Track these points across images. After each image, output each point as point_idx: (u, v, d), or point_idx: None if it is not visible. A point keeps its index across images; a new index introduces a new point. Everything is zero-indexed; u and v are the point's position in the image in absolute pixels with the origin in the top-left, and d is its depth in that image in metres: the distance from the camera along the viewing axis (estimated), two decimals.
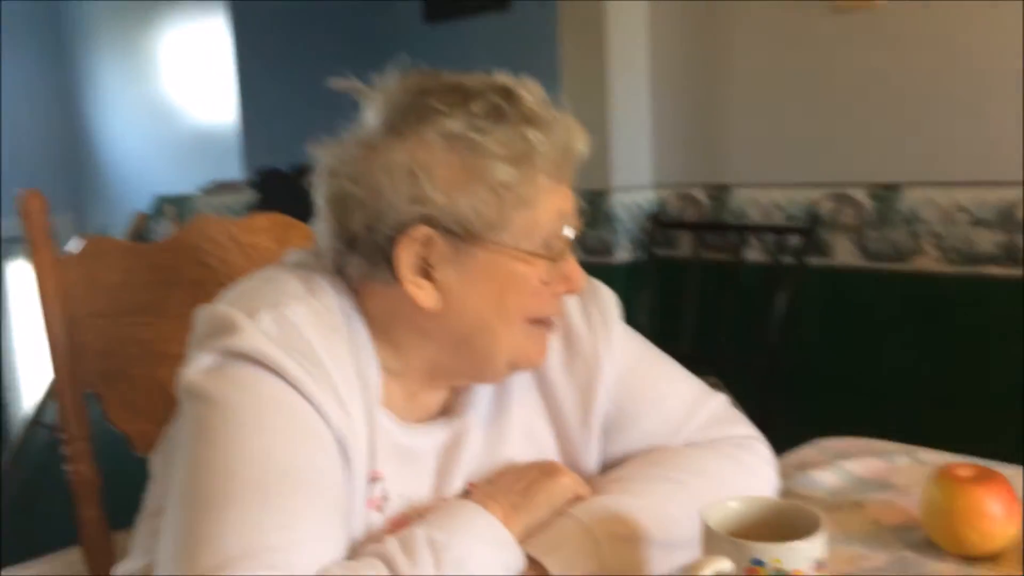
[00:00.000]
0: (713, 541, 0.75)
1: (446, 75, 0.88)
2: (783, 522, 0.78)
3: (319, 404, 0.79)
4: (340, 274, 0.90)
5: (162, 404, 1.26)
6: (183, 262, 1.30)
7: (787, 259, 2.29)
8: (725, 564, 0.73)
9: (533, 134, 0.84)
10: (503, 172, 0.83)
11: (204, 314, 0.85)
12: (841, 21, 2.26)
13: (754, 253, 2.47)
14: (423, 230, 0.83)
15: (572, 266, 0.90)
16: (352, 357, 0.86)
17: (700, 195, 2.59)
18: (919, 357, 2.23)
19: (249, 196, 4.88)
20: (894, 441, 1.25)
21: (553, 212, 0.87)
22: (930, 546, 0.94)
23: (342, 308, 0.88)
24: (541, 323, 0.91)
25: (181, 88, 6.36)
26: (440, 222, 0.83)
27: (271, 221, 1.44)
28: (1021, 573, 0.88)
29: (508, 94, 0.85)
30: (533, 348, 0.92)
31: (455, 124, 0.83)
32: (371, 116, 0.87)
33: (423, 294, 0.85)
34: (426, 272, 0.85)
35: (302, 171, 0.92)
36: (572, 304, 0.99)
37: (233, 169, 5.68)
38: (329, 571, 0.73)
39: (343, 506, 0.80)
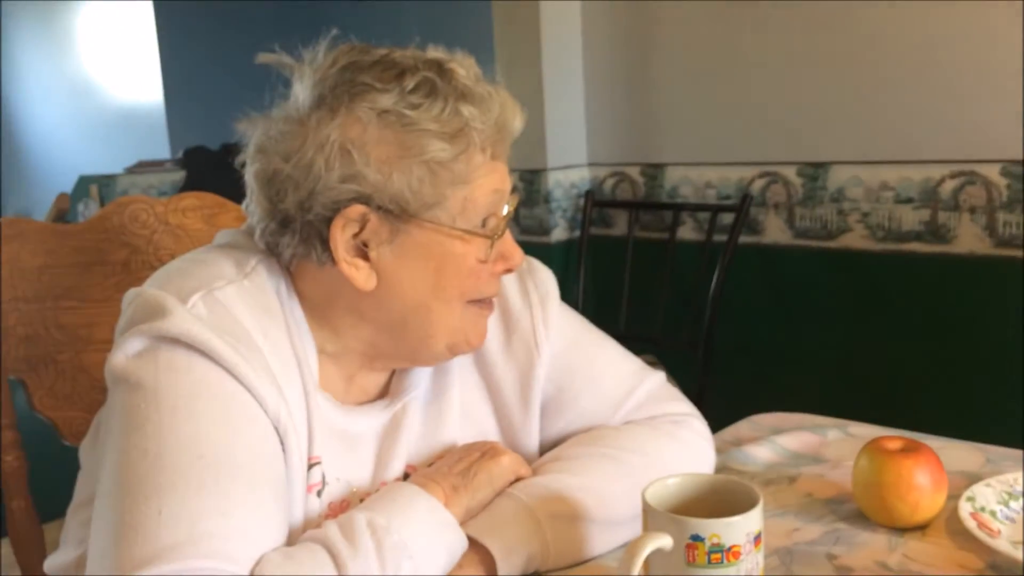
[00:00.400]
0: (653, 518, 0.76)
1: (377, 50, 0.86)
2: (721, 498, 0.79)
3: (254, 388, 0.77)
4: (273, 254, 0.88)
5: (90, 391, 1.23)
6: (108, 244, 1.27)
7: (720, 237, 2.32)
8: (665, 540, 0.74)
9: (468, 110, 0.83)
10: (438, 149, 0.82)
11: (133, 297, 0.82)
12: (770, 4, 2.28)
13: (688, 231, 2.50)
14: (358, 209, 0.82)
15: (509, 244, 0.90)
16: (288, 339, 0.84)
17: (635, 174, 2.61)
18: (848, 332, 2.29)
19: (175, 175, 4.76)
20: (826, 415, 1.28)
21: (489, 190, 0.86)
22: (861, 518, 0.97)
23: (276, 289, 0.86)
24: (480, 304, 0.91)
25: (102, 64, 6.16)
26: (375, 201, 0.82)
27: (200, 201, 1.41)
28: (948, 542, 0.91)
29: (441, 69, 0.84)
30: (472, 330, 0.91)
31: (388, 100, 0.81)
32: (301, 92, 0.84)
33: (359, 275, 0.84)
34: (362, 252, 0.84)
35: (230, 149, 0.90)
36: (510, 282, 0.98)
37: (159, 148, 5.53)
38: (268, 558, 0.72)
39: (281, 491, 0.78)
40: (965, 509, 0.93)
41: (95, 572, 0.70)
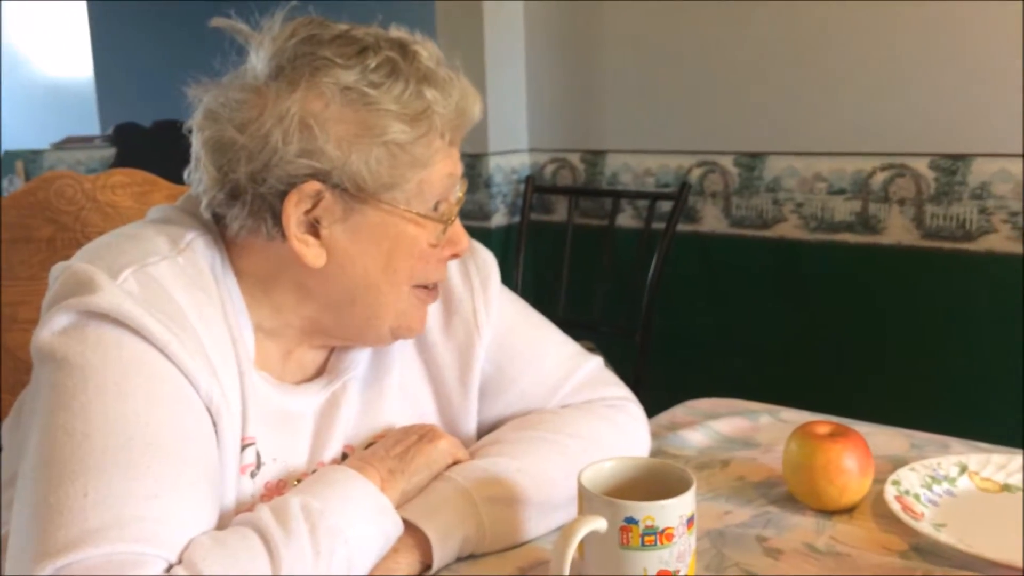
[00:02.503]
0: (588, 501, 0.76)
1: (337, 25, 0.85)
2: (655, 481, 0.80)
3: (186, 367, 0.75)
4: (214, 228, 0.86)
5: (13, 372, 1.19)
6: (34, 220, 1.23)
7: (659, 225, 2.34)
8: (600, 523, 0.74)
9: (431, 93, 0.82)
10: (398, 130, 0.81)
11: (60, 271, 0.79)
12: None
13: (627, 218, 2.52)
14: (314, 186, 0.80)
15: (458, 230, 0.89)
16: (223, 318, 0.82)
17: (575, 160, 2.62)
18: (781, 320, 2.33)
19: (105, 152, 4.63)
20: (758, 401, 1.30)
21: (444, 174, 0.86)
22: (791, 500, 0.99)
23: (212, 266, 0.84)
24: (425, 290, 0.90)
25: (29, 37, 5.95)
26: (332, 178, 0.80)
27: (130, 178, 1.37)
28: (874, 524, 0.94)
29: (404, 49, 0.83)
30: (415, 316, 0.91)
31: (350, 77, 0.80)
32: (258, 61, 0.82)
33: (310, 252, 0.82)
34: (313, 229, 0.83)
35: (163, 126, 0.88)
36: (452, 265, 0.98)
37: (88, 124, 5.37)
38: (198, 542, 0.70)
39: (213, 473, 0.77)
40: (890, 492, 0.96)
41: (18, 554, 0.67)
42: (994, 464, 1.03)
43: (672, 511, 0.74)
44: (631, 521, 0.74)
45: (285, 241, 0.82)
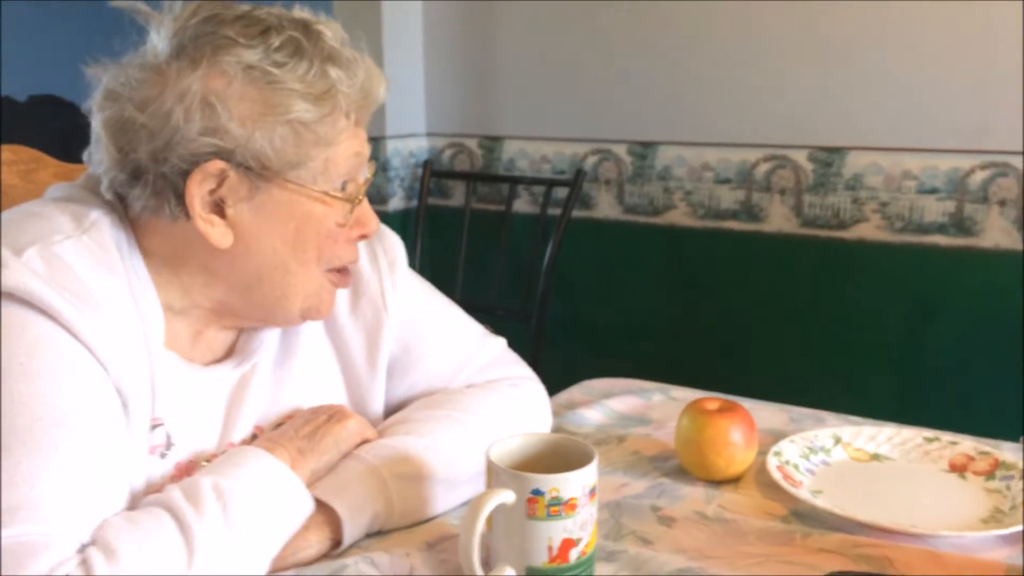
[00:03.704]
0: (496, 475, 0.80)
1: (239, 5, 0.85)
2: (558, 455, 0.84)
3: (94, 347, 0.75)
4: (119, 207, 0.85)
5: None
6: None
7: (554, 210, 2.40)
8: (508, 495, 0.78)
9: (335, 72, 0.83)
10: (303, 110, 0.82)
11: None
12: None
13: (523, 204, 2.56)
14: (217, 164, 0.80)
15: (367, 210, 0.91)
16: (130, 297, 0.82)
17: (473, 146, 2.64)
18: (671, 303, 2.42)
19: None
20: (650, 380, 1.37)
21: (350, 153, 0.87)
22: (682, 472, 1.05)
23: (118, 245, 0.83)
24: (339, 273, 0.92)
25: None
26: (236, 157, 0.81)
27: (15, 155, 1.33)
28: (757, 493, 1.00)
29: (307, 29, 0.84)
30: (325, 299, 0.92)
31: (253, 56, 0.80)
32: (158, 40, 0.82)
33: (214, 231, 0.82)
34: (218, 209, 0.83)
35: (39, 101, 0.86)
36: (360, 248, 0.99)
37: None
38: (110, 523, 0.70)
39: (122, 454, 0.76)
40: (772, 463, 1.03)
41: None
42: (865, 435, 1.12)
43: (576, 482, 0.78)
44: (538, 493, 0.77)
45: (189, 221, 0.82)
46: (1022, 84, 1.98)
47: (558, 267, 2.35)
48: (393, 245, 1.04)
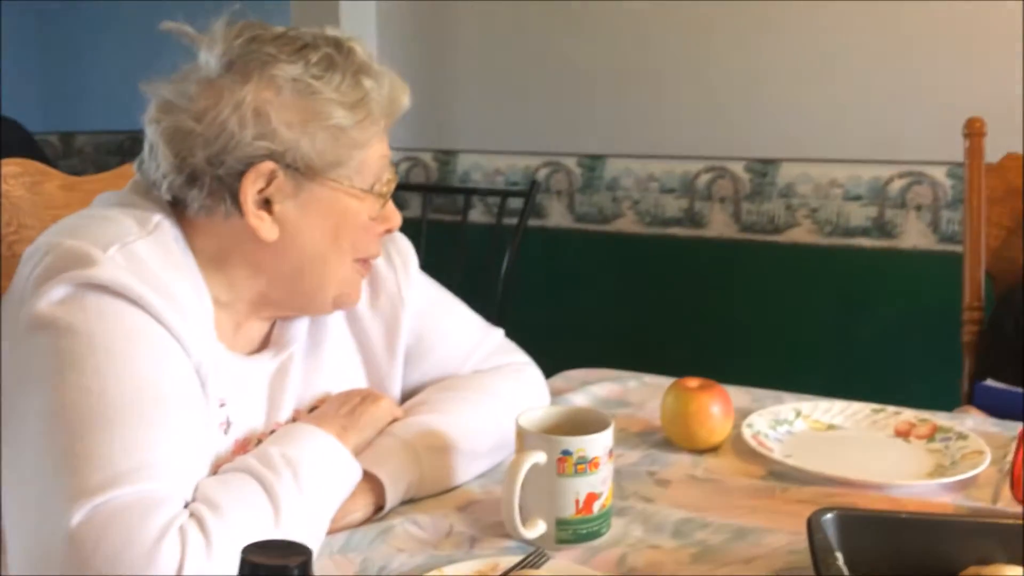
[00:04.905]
0: (528, 439, 0.91)
1: (274, 28, 0.95)
2: (577, 422, 0.96)
3: (178, 334, 0.84)
4: (170, 210, 0.93)
5: None
6: None
7: (509, 220, 2.52)
8: (540, 456, 0.89)
9: (368, 82, 0.93)
10: (341, 116, 0.91)
11: (47, 248, 0.84)
12: (557, 5, 2.51)
13: (478, 215, 2.68)
14: (268, 165, 0.89)
15: (392, 207, 1.01)
16: (193, 291, 0.90)
17: (428, 159, 2.75)
18: (621, 305, 2.57)
19: None
20: None
21: (380, 156, 0.97)
22: (668, 444, 1.18)
23: (177, 244, 0.92)
24: (363, 263, 1.02)
25: None
26: (285, 158, 0.90)
27: (23, 168, 1.38)
28: (736, 458, 1.14)
29: (339, 46, 0.94)
30: (354, 288, 1.02)
31: (296, 70, 0.90)
32: (209, 58, 0.91)
33: (264, 226, 0.91)
34: (267, 206, 0.92)
35: None
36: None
37: None
38: (206, 483, 0.79)
39: (204, 428, 0.85)
40: (747, 433, 1.17)
41: (40, 500, 0.74)
42: (821, 408, 1.27)
43: (599, 443, 0.90)
44: (567, 453, 0.89)
45: (242, 217, 0.91)
46: (933, 100, 2.19)
47: (514, 274, 2.47)
48: (404, 247, 1.15)
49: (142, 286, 0.82)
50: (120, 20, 3.97)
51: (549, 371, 1.55)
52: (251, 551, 0.49)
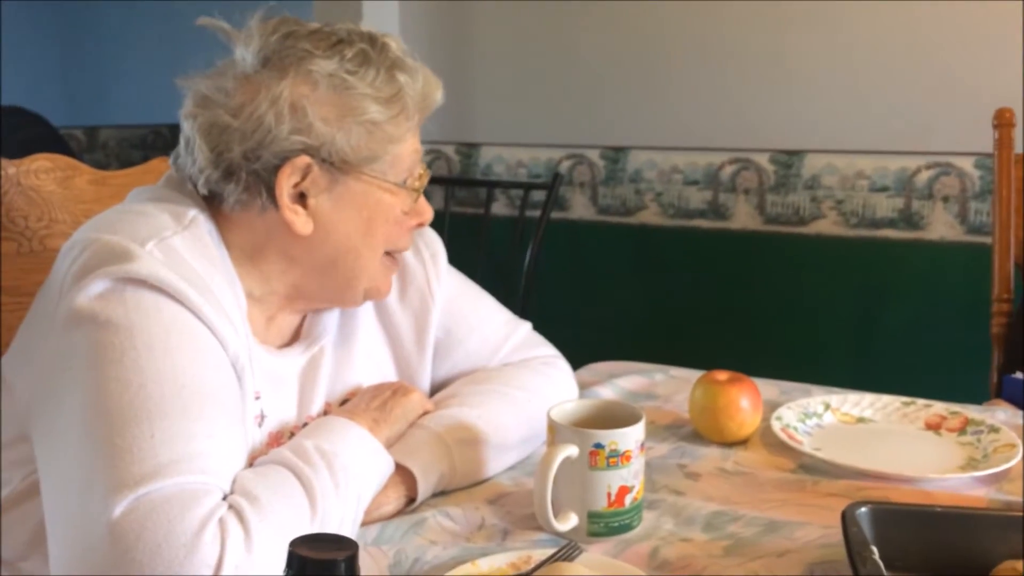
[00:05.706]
0: (560, 432, 0.91)
1: (308, 24, 0.95)
2: (608, 416, 0.96)
3: (215, 327, 0.84)
4: (206, 204, 0.94)
5: None
6: None
7: (532, 213, 2.52)
8: (572, 449, 0.90)
9: (403, 77, 0.94)
10: (375, 111, 0.92)
11: (85, 244, 0.85)
12: (576, 3, 2.51)
13: (500, 207, 2.68)
14: (304, 159, 0.90)
15: (424, 202, 1.02)
16: (228, 285, 0.91)
17: (450, 152, 2.75)
18: (644, 298, 2.56)
19: None
20: None
21: (412, 150, 0.98)
22: (697, 437, 1.18)
23: (211, 238, 0.93)
24: (392, 257, 1.02)
25: None
26: (320, 153, 0.91)
27: (53, 163, 1.40)
28: (766, 451, 1.14)
29: (373, 42, 0.94)
30: (384, 280, 1.02)
31: (331, 66, 0.90)
32: (246, 54, 0.91)
33: (299, 220, 0.92)
34: (301, 200, 0.92)
35: (5, 112, 0.92)
36: None
37: None
38: (244, 475, 0.80)
39: (242, 421, 0.86)
40: (776, 426, 1.16)
41: (80, 493, 0.74)
42: (850, 402, 1.26)
43: (630, 437, 0.91)
44: (599, 446, 0.89)
45: (277, 212, 0.91)
46: (961, 90, 2.17)
47: (537, 266, 2.47)
48: (433, 240, 1.16)
49: (180, 281, 0.83)
50: (143, 16, 4.00)
51: (573, 364, 1.55)
52: (299, 544, 0.49)
